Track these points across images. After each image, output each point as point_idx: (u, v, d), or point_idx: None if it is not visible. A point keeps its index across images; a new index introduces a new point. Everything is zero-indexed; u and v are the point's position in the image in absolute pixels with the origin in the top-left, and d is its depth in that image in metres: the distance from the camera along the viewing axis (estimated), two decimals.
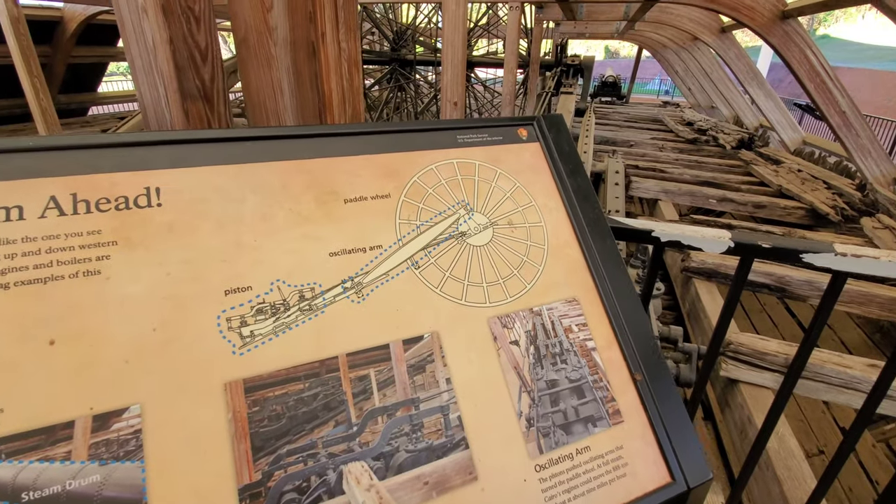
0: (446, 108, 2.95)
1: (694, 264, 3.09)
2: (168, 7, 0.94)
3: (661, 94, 20.44)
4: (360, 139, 0.56)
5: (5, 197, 0.42)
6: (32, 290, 0.40)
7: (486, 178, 0.61)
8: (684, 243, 0.71)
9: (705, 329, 2.87)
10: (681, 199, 4.78)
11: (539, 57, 5.97)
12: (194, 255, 0.45)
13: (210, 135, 0.50)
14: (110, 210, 0.44)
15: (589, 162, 4.18)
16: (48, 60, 5.46)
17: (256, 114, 1.17)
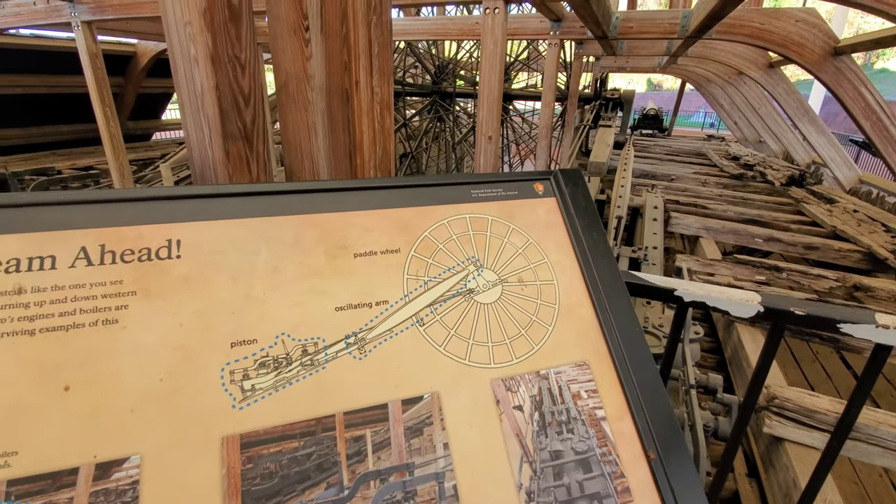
0: (481, 142, 2.99)
1: None
2: (216, 57, 1.01)
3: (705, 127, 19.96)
4: (375, 193, 0.58)
5: (42, 247, 0.46)
6: (55, 337, 0.43)
7: (498, 234, 0.60)
8: (710, 305, 0.68)
9: (747, 378, 2.68)
10: (724, 237, 4.58)
11: (578, 90, 5.99)
12: (206, 307, 0.47)
13: (231, 189, 0.53)
14: (133, 261, 0.47)
15: (626, 196, 4.10)
16: (120, 90, 6.00)
17: (292, 153, 1.23)
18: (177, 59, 1.04)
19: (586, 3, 2.98)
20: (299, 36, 1.08)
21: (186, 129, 1.11)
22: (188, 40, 1.00)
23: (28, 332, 0.42)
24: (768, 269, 3.71)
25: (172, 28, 1.01)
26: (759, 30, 4.15)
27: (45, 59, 5.13)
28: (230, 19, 1.02)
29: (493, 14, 2.64)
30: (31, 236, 0.46)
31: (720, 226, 4.47)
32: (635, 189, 4.99)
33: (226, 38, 1.02)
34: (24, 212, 0.46)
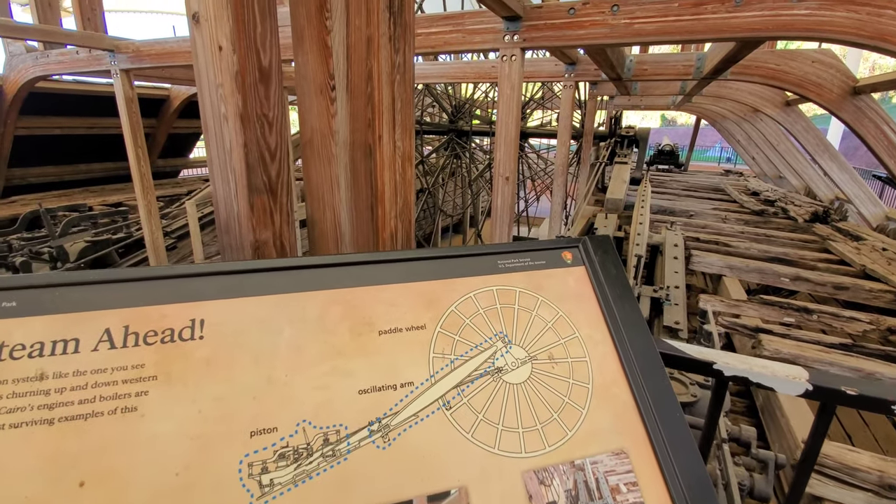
0: (499, 183, 3.01)
1: (767, 353, 2.81)
2: (245, 115, 1.04)
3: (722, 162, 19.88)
4: (400, 266, 0.56)
5: (67, 329, 0.45)
6: (73, 427, 0.41)
7: (526, 307, 0.58)
8: (752, 380, 0.64)
9: (783, 431, 2.54)
10: (748, 276, 4.45)
11: (593, 128, 6.06)
12: (227, 392, 0.45)
13: (256, 266, 0.53)
14: (156, 343, 0.46)
15: (645, 233, 4.05)
16: (153, 131, 6.30)
17: (314, 204, 1.24)
18: (208, 117, 1.07)
19: (601, 50, 3.05)
20: (325, 95, 1.11)
21: (214, 182, 1.14)
22: (220, 100, 1.03)
23: (47, 422, 0.41)
24: (797, 311, 3.57)
25: (205, 89, 1.05)
26: (776, 70, 4.17)
27: (83, 103, 5.43)
28: (260, 81, 1.06)
29: (511, 61, 2.71)
30: (56, 318, 0.45)
31: (744, 264, 4.36)
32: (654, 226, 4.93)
33: (255, 98, 1.06)
34: (51, 292, 0.46)
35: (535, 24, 2.63)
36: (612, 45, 2.98)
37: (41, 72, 4.16)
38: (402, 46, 1.12)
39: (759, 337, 3.01)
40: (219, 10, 0.97)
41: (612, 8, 2.50)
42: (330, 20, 1.04)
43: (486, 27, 2.76)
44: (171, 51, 3.47)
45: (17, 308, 0.45)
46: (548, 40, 2.66)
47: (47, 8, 4.01)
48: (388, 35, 1.06)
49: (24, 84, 4.35)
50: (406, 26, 1.13)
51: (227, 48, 0.99)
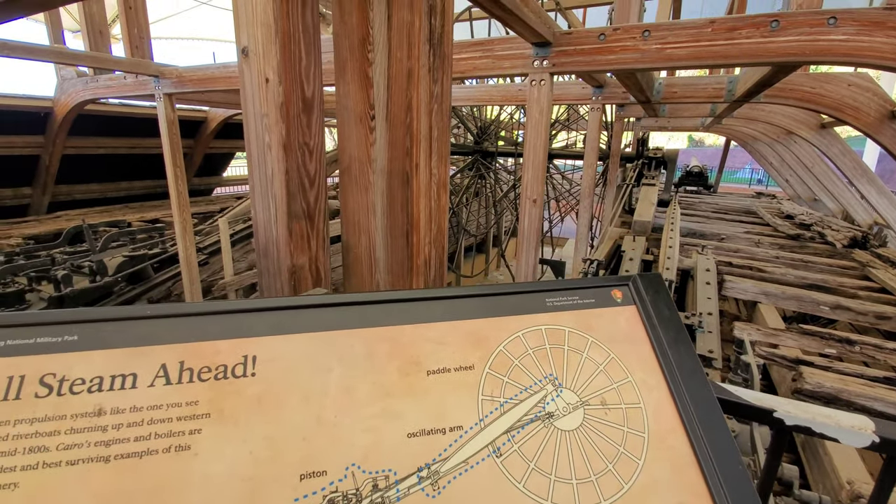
0: (526, 205, 3.00)
1: (808, 386, 2.66)
2: (288, 144, 1.07)
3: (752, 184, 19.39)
4: (447, 303, 0.56)
5: (125, 364, 0.46)
6: (128, 465, 0.42)
7: (576, 348, 0.57)
8: (815, 430, 0.60)
9: (826, 470, 2.38)
10: (785, 303, 4.27)
11: (619, 150, 6.01)
12: (277, 432, 0.45)
13: (305, 301, 0.53)
14: (209, 379, 0.46)
15: (675, 257, 3.95)
16: (190, 151, 6.57)
17: (350, 229, 1.26)
18: (252, 145, 1.10)
19: (631, 74, 3.04)
20: (365, 124, 1.13)
21: (254, 207, 1.16)
22: (264, 130, 1.06)
23: (103, 459, 0.41)
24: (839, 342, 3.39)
25: (251, 118, 1.09)
26: (811, 94, 4.08)
27: (126, 124, 5.72)
28: (303, 111, 1.09)
29: (540, 85, 2.73)
30: (115, 353, 0.46)
31: (780, 291, 4.18)
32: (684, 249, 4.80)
33: (298, 128, 1.08)
34: (111, 326, 0.47)
35: (565, 50, 2.64)
36: (642, 70, 2.97)
37: (90, 95, 4.41)
38: (440, 77, 1.14)
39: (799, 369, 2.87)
40: (267, 45, 1.00)
41: (643, 33, 2.50)
42: (372, 53, 1.07)
43: (516, 53, 2.80)
44: (212, 76, 3.63)
45: (78, 342, 0.46)
46: (577, 65, 2.67)
47: (98, 36, 4.26)
48: (427, 66, 1.08)
49: (73, 107, 4.61)
50: (444, 57, 1.14)
51: (274, 80, 1.02)
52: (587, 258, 3.75)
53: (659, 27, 2.50)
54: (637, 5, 2.73)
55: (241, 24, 1.03)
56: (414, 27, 1.01)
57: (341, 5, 1.08)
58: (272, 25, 0.99)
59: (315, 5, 1.08)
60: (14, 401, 0.43)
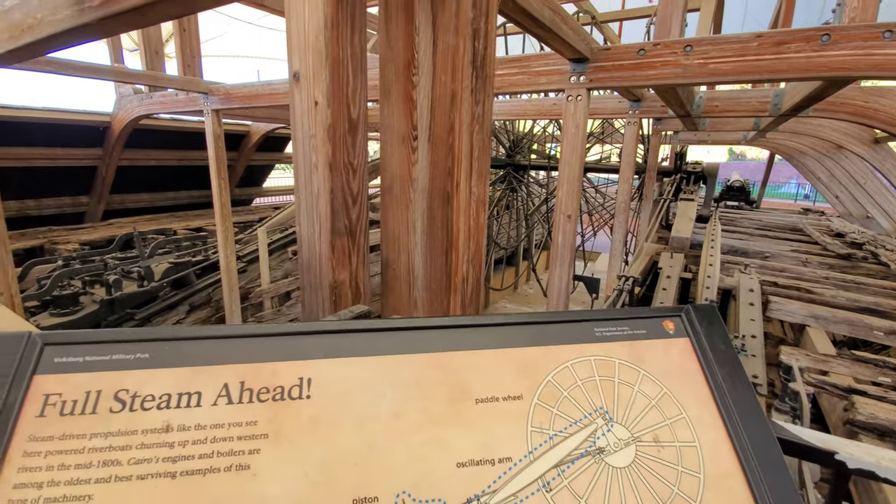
0: (560, 220, 2.97)
1: (861, 417, 2.49)
2: (334, 164, 1.10)
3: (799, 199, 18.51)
4: (495, 331, 0.56)
5: (191, 382, 0.48)
6: (193, 482, 0.43)
7: (627, 381, 0.55)
8: (880, 475, 0.56)
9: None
10: (836, 327, 4.03)
11: (656, 164, 5.88)
12: (331, 455, 0.46)
13: (359, 326, 0.54)
14: (268, 400, 0.48)
15: (716, 276, 3.80)
16: (233, 162, 6.88)
17: (390, 246, 1.28)
18: (299, 164, 1.14)
19: (671, 89, 2.98)
20: (408, 144, 1.15)
21: (299, 224, 1.20)
22: (311, 150, 1.10)
23: (170, 475, 0.43)
24: (894, 370, 3.17)
25: (299, 139, 1.13)
26: (864, 108, 3.89)
27: (175, 138, 6.05)
28: (348, 131, 1.12)
29: (576, 101, 2.72)
30: (182, 371, 0.49)
31: (831, 314, 3.94)
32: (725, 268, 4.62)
33: (343, 148, 1.12)
34: (179, 345, 0.50)
35: (603, 66, 2.62)
36: (683, 85, 2.91)
37: (145, 111, 4.69)
38: (482, 98, 1.15)
39: (852, 398, 2.69)
40: (317, 70, 1.05)
41: (685, 48, 2.46)
42: (416, 76, 1.10)
43: (552, 69, 2.80)
44: (256, 93, 3.79)
45: (149, 360, 0.49)
46: (615, 81, 2.64)
47: (154, 56, 4.54)
48: (470, 88, 1.09)
49: (129, 121, 4.91)
50: (486, 78, 1.16)
51: (323, 103, 1.06)
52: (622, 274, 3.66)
53: (702, 42, 2.45)
54: (679, 20, 2.68)
55: (294, 50, 1.07)
56: (458, 51, 1.03)
57: (388, 32, 1.11)
58: (323, 51, 1.03)
59: (363, 31, 1.12)
60: (91, 415, 0.45)
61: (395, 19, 1.09)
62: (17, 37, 1.90)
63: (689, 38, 2.52)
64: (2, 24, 1.98)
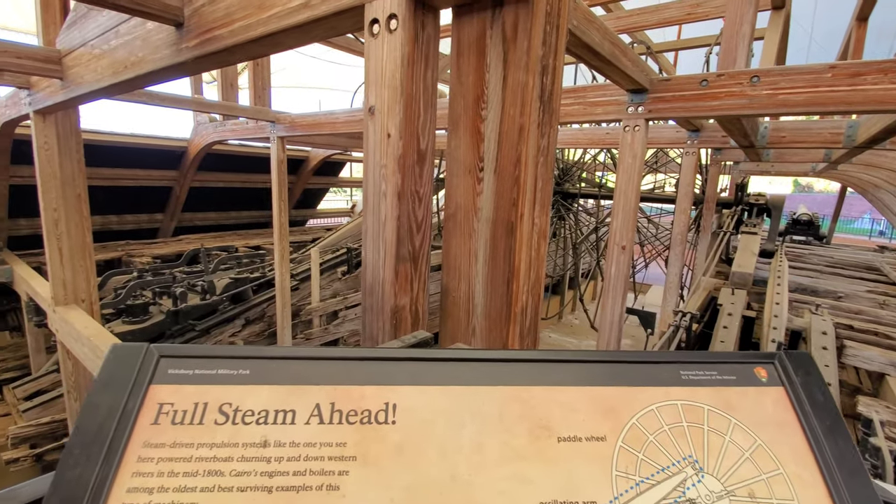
0: (613, 251, 2.90)
1: None
2: (402, 193, 1.15)
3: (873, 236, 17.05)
4: (576, 367, 0.55)
5: (286, 400, 0.51)
6: (287, 498, 0.45)
7: (717, 430, 0.53)
8: None
9: None
10: None
11: (715, 195, 5.64)
12: (416, 483, 0.47)
13: (442, 354, 0.55)
14: (356, 423, 0.50)
15: (783, 315, 3.54)
16: (292, 185, 7.29)
17: (450, 273, 1.30)
18: (369, 192, 1.20)
19: (735, 119, 2.89)
20: (473, 175, 1.18)
21: (365, 249, 1.25)
22: (381, 179, 1.15)
23: (266, 489, 0.46)
24: None
25: (370, 168, 1.19)
26: None
27: (241, 162, 6.50)
28: (417, 162, 1.17)
29: (634, 131, 2.68)
30: (278, 389, 0.52)
31: None
32: (793, 307, 4.30)
33: (411, 178, 1.16)
34: (276, 364, 0.53)
35: (663, 96, 2.59)
36: (749, 116, 2.81)
37: (218, 137, 5.08)
38: (547, 131, 1.17)
39: None
40: (392, 105, 1.10)
41: (752, 79, 2.38)
42: (485, 110, 1.13)
43: (609, 99, 2.79)
44: (318, 122, 4.02)
45: (249, 376, 0.52)
46: (675, 111, 2.59)
47: (229, 88, 4.94)
48: (537, 122, 1.11)
49: (203, 146, 5.34)
50: (553, 112, 1.18)
51: (395, 135, 1.11)
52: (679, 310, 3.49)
53: (770, 72, 2.37)
54: (745, 51, 2.62)
55: (371, 86, 1.14)
56: (528, 86, 1.06)
57: (459, 68, 1.16)
58: (398, 88, 1.09)
59: (435, 68, 1.17)
60: (198, 425, 0.49)
61: (467, 57, 1.14)
62: (119, 72, 2.14)
63: (756, 68, 2.45)
64: (106, 61, 2.24)
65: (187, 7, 1.65)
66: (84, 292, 3.62)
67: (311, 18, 1.24)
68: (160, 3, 1.63)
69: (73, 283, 3.52)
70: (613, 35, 2.05)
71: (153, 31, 1.84)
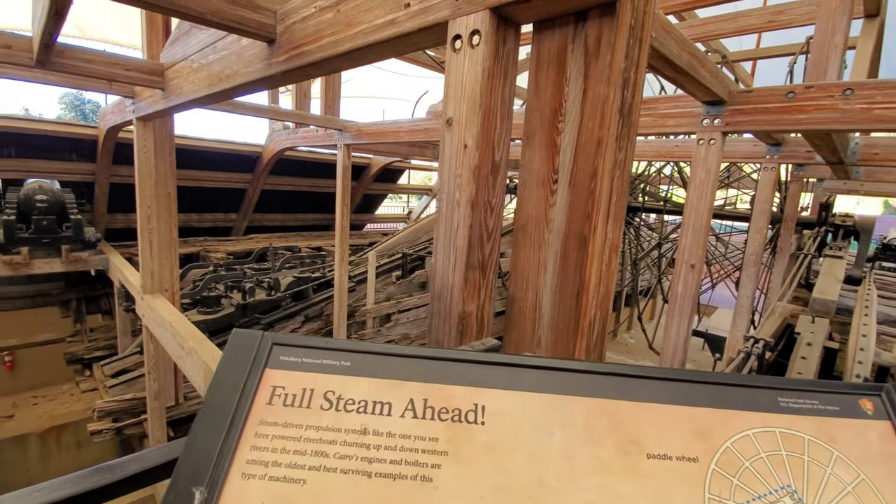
0: (681, 269, 2.78)
1: None
2: (475, 202, 1.18)
3: None
4: (667, 385, 0.55)
5: (382, 393, 0.54)
6: (384, 484, 0.49)
7: (818, 461, 0.50)
8: None
9: None
10: None
11: (796, 214, 5.23)
12: (505, 483, 0.49)
13: (531, 362, 0.57)
14: (447, 420, 0.53)
15: (871, 348, 3.21)
16: (353, 191, 7.60)
17: (518, 283, 1.31)
18: (443, 201, 1.24)
19: (825, 135, 2.68)
20: (546, 187, 1.19)
21: (436, 255, 1.29)
22: (456, 188, 1.19)
23: (366, 474, 0.49)
24: None
25: (445, 178, 1.23)
26: None
27: (308, 167, 6.87)
28: (491, 172, 1.19)
29: (709, 144, 2.57)
30: (376, 381, 0.55)
31: None
32: (882, 340, 3.88)
33: (485, 188, 1.19)
34: (374, 358, 0.57)
35: (743, 109, 2.46)
36: (840, 131, 2.60)
37: (290, 144, 5.41)
38: (625, 144, 1.16)
39: None
40: (470, 117, 1.14)
41: (845, 92, 2.21)
42: (562, 123, 1.14)
43: (682, 111, 2.68)
44: (382, 131, 4.18)
45: (350, 367, 0.56)
46: (757, 124, 2.45)
47: (303, 98, 5.25)
48: (615, 135, 1.10)
49: (276, 152, 5.70)
50: (631, 126, 1.16)
51: (472, 146, 1.15)
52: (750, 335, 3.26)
53: (864, 85, 2.19)
54: (837, 62, 2.43)
55: (450, 99, 1.18)
56: (608, 100, 1.06)
57: (537, 82, 1.18)
58: (477, 101, 1.13)
59: (513, 82, 1.20)
60: (306, 409, 0.54)
61: (546, 71, 1.15)
62: (214, 84, 2.35)
63: (849, 80, 2.27)
64: (204, 74, 2.46)
65: (280, 24, 1.79)
66: (168, 282, 3.97)
67: (396, 35, 1.30)
68: (257, 22, 1.78)
69: (160, 273, 3.87)
70: (691, 45, 1.98)
71: (247, 47, 2.01)
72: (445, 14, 1.18)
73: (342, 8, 1.48)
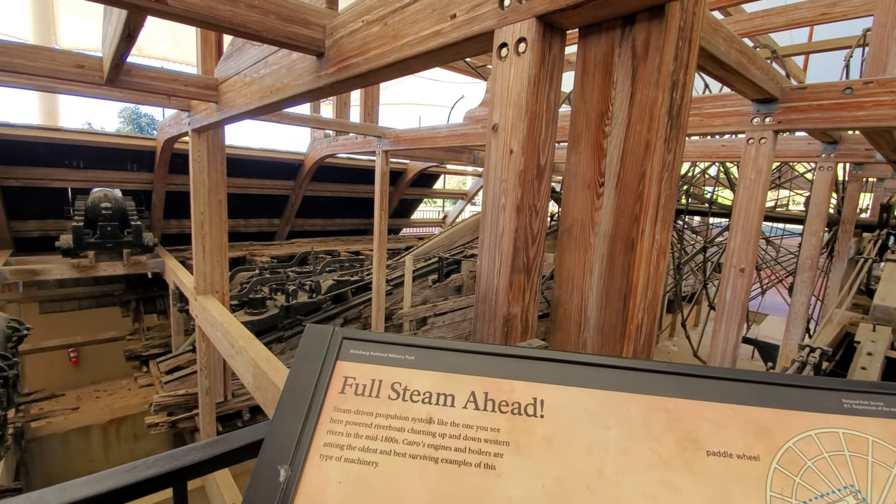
0: (730, 274, 2.68)
1: None
2: (520, 206, 1.20)
3: None
4: (723, 384, 0.56)
5: (445, 385, 0.58)
6: (450, 470, 0.52)
7: (883, 462, 0.50)
8: None
9: None
10: None
11: (855, 216, 4.92)
12: (565, 474, 0.51)
13: (587, 359, 0.59)
14: (508, 413, 0.55)
15: None
16: (390, 196, 7.76)
17: (563, 286, 1.32)
18: (488, 205, 1.27)
19: (886, 132, 2.53)
20: (593, 190, 1.20)
21: (480, 258, 1.32)
22: (501, 192, 1.22)
23: (433, 460, 0.53)
24: None
25: (491, 182, 1.26)
26: None
27: (347, 173, 7.08)
28: (536, 177, 1.22)
29: (759, 144, 2.48)
30: (439, 375, 0.59)
31: None
32: None
33: (530, 192, 1.21)
34: (436, 353, 0.61)
35: (796, 106, 2.36)
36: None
37: (330, 151, 5.59)
38: (674, 147, 1.15)
39: None
40: (516, 123, 1.17)
41: None
42: (609, 126, 1.15)
43: (730, 110, 2.60)
44: (420, 137, 4.25)
45: (415, 361, 0.60)
46: (811, 122, 2.35)
47: (343, 106, 5.42)
48: (664, 138, 1.10)
49: (318, 159, 5.90)
50: (680, 128, 1.16)
51: (517, 151, 1.17)
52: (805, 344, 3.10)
53: None
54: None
55: (496, 105, 1.22)
56: (657, 102, 1.06)
57: (583, 86, 1.19)
58: (523, 107, 1.15)
59: (559, 87, 1.22)
60: (375, 398, 0.58)
61: (592, 75, 1.16)
62: (265, 96, 2.48)
63: None
64: (256, 87, 2.60)
65: (328, 39, 1.88)
66: (218, 284, 4.19)
67: (442, 45, 1.35)
68: (308, 37, 1.87)
69: (211, 276, 4.09)
70: (740, 42, 1.93)
71: (297, 61, 2.11)
72: (491, 24, 1.21)
73: (389, 21, 1.54)
